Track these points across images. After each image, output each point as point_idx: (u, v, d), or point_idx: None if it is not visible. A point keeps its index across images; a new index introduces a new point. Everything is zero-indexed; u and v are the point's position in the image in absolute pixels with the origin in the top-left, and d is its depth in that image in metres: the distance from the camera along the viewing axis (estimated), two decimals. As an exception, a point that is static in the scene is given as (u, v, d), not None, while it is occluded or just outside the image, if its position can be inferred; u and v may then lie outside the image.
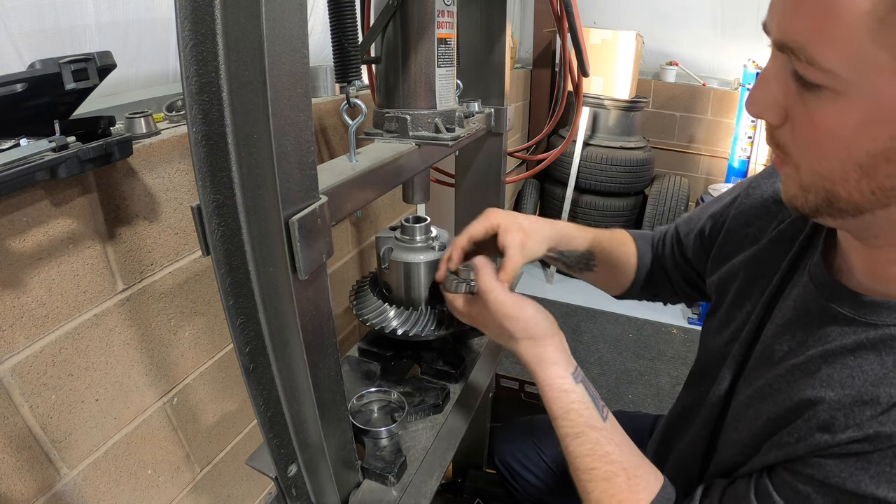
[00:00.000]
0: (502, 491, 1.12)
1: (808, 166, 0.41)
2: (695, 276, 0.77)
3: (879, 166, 0.36)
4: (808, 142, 0.39)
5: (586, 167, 2.65)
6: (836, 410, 0.42)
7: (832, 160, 0.38)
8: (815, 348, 0.46)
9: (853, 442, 0.40)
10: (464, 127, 0.75)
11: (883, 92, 0.33)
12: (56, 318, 0.62)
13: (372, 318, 0.78)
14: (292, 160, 0.40)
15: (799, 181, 0.42)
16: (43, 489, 0.64)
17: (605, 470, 0.55)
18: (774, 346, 0.52)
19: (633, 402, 1.99)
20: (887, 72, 0.32)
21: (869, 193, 0.38)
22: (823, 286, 0.49)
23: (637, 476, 0.55)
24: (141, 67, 0.83)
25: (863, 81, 0.34)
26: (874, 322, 0.43)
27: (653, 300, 0.89)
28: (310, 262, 0.43)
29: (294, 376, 0.49)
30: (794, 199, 0.43)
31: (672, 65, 2.96)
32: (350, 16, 0.55)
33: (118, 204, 0.67)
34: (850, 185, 0.38)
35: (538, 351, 0.62)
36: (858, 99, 0.34)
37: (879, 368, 0.41)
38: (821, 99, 0.37)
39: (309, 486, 0.57)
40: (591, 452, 0.56)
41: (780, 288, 0.55)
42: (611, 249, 0.81)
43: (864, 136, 0.36)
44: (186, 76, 0.37)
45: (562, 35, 0.89)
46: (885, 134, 0.35)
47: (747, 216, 0.64)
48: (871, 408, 0.40)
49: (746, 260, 0.62)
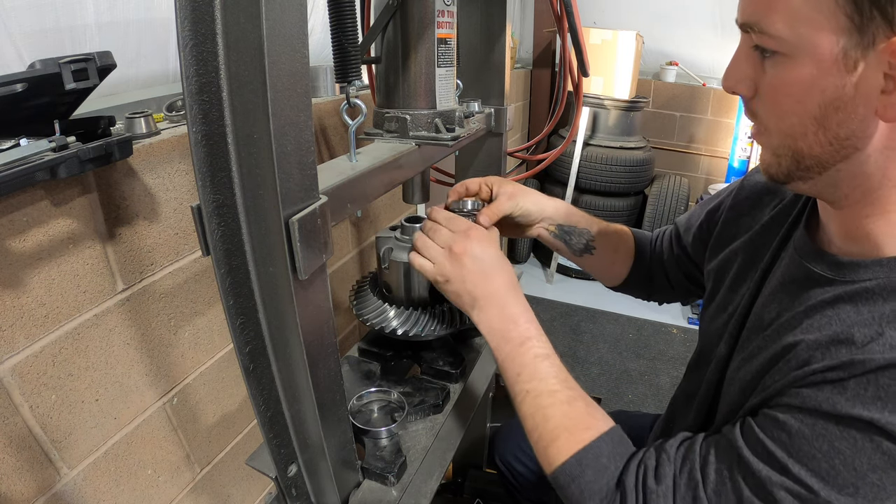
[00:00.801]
0: (502, 491, 1.12)
1: (775, 126, 0.47)
2: (694, 269, 0.79)
3: (830, 115, 0.42)
4: (771, 103, 0.46)
5: (586, 167, 2.65)
6: (814, 350, 0.45)
7: (792, 116, 0.44)
8: (797, 308, 0.50)
9: (828, 370, 0.42)
10: (464, 127, 0.75)
11: (820, 46, 0.40)
12: (56, 318, 0.62)
13: (372, 318, 0.78)
14: (292, 160, 0.40)
15: (771, 146, 0.48)
16: (43, 489, 0.64)
17: (567, 394, 0.58)
18: (764, 314, 0.55)
19: (633, 402, 1.99)
20: (822, 30, 0.39)
21: (827, 145, 0.44)
22: (806, 254, 0.53)
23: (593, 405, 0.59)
24: (141, 67, 0.83)
25: (803, 40, 0.40)
26: (851, 279, 0.47)
27: (648, 299, 0.89)
28: (310, 262, 0.43)
29: (294, 376, 0.49)
30: (770, 167, 0.49)
31: (672, 65, 2.96)
32: (350, 16, 0.55)
33: (118, 204, 0.67)
34: (810, 138, 0.44)
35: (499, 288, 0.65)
36: (803, 56, 0.41)
37: (855, 315, 0.44)
38: (776, 63, 0.43)
39: (309, 486, 0.57)
40: (556, 374, 0.59)
41: (770, 265, 0.59)
42: (610, 236, 0.82)
43: (813, 90, 0.42)
44: (186, 76, 0.37)
45: (562, 35, 0.89)
46: (830, 84, 0.41)
47: (742, 206, 0.67)
48: (846, 346, 0.43)
49: (742, 246, 0.64)
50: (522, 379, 0.60)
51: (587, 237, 0.81)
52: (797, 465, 0.43)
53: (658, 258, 0.83)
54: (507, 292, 0.64)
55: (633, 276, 0.85)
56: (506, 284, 0.64)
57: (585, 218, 0.82)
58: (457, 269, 0.64)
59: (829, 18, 0.39)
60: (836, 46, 0.39)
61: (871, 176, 0.44)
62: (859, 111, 0.41)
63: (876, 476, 0.40)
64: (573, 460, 0.54)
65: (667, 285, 0.84)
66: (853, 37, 0.38)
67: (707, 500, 0.47)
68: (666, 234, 0.84)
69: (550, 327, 2.44)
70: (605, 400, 1.93)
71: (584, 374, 2.13)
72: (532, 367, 0.60)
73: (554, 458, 0.56)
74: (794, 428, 0.43)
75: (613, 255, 0.84)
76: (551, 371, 0.59)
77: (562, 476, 0.55)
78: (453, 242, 0.65)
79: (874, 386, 0.40)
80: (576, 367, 2.17)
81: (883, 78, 0.39)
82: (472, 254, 0.64)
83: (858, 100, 0.40)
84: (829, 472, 0.41)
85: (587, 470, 0.54)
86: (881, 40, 0.38)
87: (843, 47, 0.39)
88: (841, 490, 0.41)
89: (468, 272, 0.63)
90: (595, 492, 0.53)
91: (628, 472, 0.53)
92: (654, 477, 0.51)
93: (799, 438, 0.43)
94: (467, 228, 0.66)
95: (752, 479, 0.45)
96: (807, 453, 0.42)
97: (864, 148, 0.43)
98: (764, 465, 0.44)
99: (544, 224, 0.81)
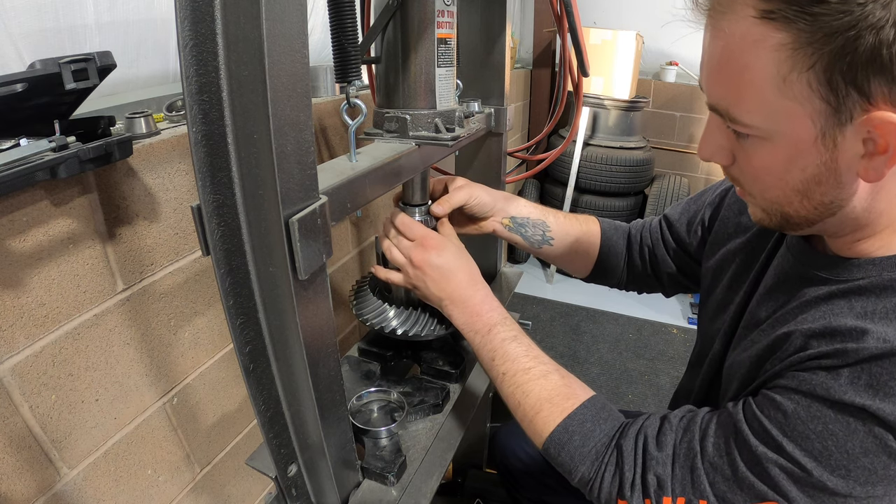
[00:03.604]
0: (502, 491, 1.12)
1: (759, 195, 0.48)
2: (689, 261, 0.79)
3: (813, 189, 0.43)
4: (751, 177, 0.48)
5: (586, 167, 2.65)
6: (809, 337, 0.46)
7: (774, 190, 0.46)
8: (792, 304, 0.51)
9: (823, 357, 0.44)
10: (464, 127, 0.75)
11: (798, 132, 0.40)
12: (56, 318, 0.62)
13: (372, 318, 0.78)
14: (292, 160, 0.40)
15: (759, 206, 0.50)
16: (43, 489, 0.64)
17: (541, 369, 0.61)
18: (758, 312, 0.57)
19: (633, 402, 1.99)
20: (797, 116, 0.40)
21: (812, 209, 0.45)
22: (800, 254, 0.54)
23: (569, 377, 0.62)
24: (141, 67, 0.82)
25: (780, 128, 0.41)
26: (845, 278, 0.48)
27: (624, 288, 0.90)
28: (310, 262, 0.43)
29: (294, 376, 0.49)
30: (761, 221, 0.51)
31: (672, 65, 2.95)
32: (350, 16, 0.55)
33: (118, 204, 0.67)
34: (796, 205, 0.46)
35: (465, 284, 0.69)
36: (781, 140, 0.42)
37: (849, 310, 0.45)
38: (753, 144, 0.44)
39: (309, 486, 0.57)
40: (526, 352, 0.63)
41: (766, 265, 0.60)
42: (568, 225, 0.84)
43: (794, 169, 0.43)
44: (186, 76, 0.37)
45: (562, 35, 0.89)
46: (810, 163, 0.42)
47: (741, 206, 0.68)
48: (840, 335, 0.44)
49: (740, 247, 0.66)
50: (496, 363, 0.64)
51: (542, 228, 0.82)
52: (791, 444, 0.44)
53: (643, 248, 0.84)
54: (466, 288, 0.68)
55: (604, 264, 0.85)
56: (465, 281, 0.68)
57: (539, 209, 0.84)
58: (419, 277, 0.69)
59: (803, 104, 0.39)
60: (814, 129, 0.40)
61: (859, 218, 0.46)
62: (841, 180, 0.42)
63: (867, 460, 0.41)
64: (559, 428, 0.57)
65: (649, 274, 0.84)
66: (830, 118, 0.39)
67: (704, 472, 0.49)
68: (654, 224, 0.84)
69: (550, 327, 2.44)
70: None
71: (585, 374, 2.13)
72: (502, 350, 0.63)
73: (541, 429, 0.58)
74: (790, 409, 0.44)
75: (575, 244, 0.84)
76: (520, 350, 0.63)
77: (551, 446, 0.57)
78: (411, 253, 0.69)
79: (867, 374, 0.41)
80: (576, 367, 2.17)
81: (862, 144, 0.39)
82: (430, 262, 0.68)
83: (840, 170, 0.41)
84: (822, 452, 0.43)
85: (574, 436, 0.56)
86: (859, 114, 0.38)
87: (821, 129, 0.39)
88: (833, 471, 0.42)
89: (430, 279, 0.68)
90: (585, 455, 0.55)
91: (626, 436, 0.54)
92: (655, 443, 0.52)
93: (794, 419, 0.44)
94: (422, 237, 0.70)
95: (748, 454, 0.46)
96: (801, 433, 0.43)
97: (848, 205, 0.44)
98: (760, 442, 0.46)
99: (498, 217, 0.82)
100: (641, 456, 0.52)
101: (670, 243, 0.80)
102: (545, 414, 0.58)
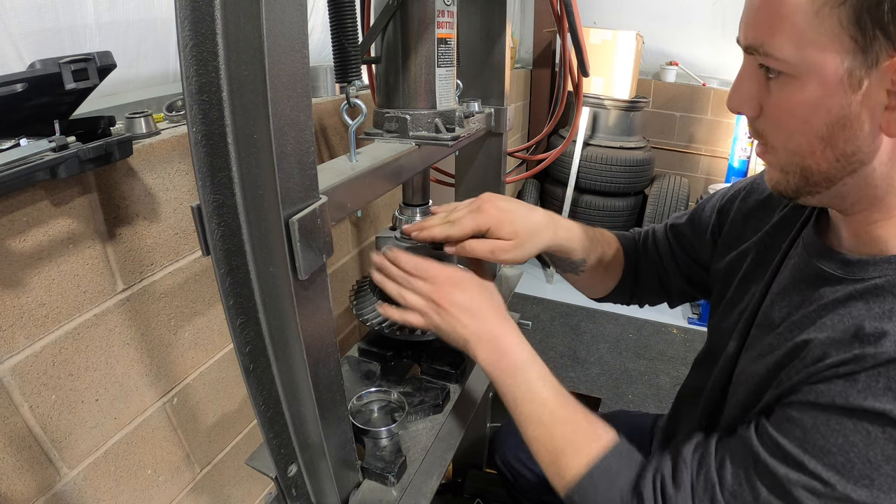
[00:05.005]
0: (502, 491, 1.12)
1: (782, 145, 0.48)
2: (699, 271, 0.78)
3: (837, 134, 0.43)
4: (777, 124, 0.47)
5: (586, 167, 2.65)
6: (828, 346, 0.45)
7: (799, 136, 0.45)
8: (809, 307, 0.50)
9: (840, 364, 0.43)
10: (464, 127, 0.75)
11: (826, 69, 0.41)
12: (56, 318, 0.62)
13: (372, 318, 0.78)
14: (292, 160, 0.40)
15: (778, 164, 0.49)
16: (43, 489, 0.64)
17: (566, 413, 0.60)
18: (773, 313, 0.56)
19: (633, 402, 1.99)
20: (827, 52, 0.40)
21: (834, 161, 0.45)
22: (815, 253, 0.53)
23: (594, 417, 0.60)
24: (141, 67, 0.83)
25: (809, 62, 0.41)
26: (861, 277, 0.47)
27: (628, 303, 0.88)
28: (310, 262, 0.43)
29: (294, 376, 0.49)
30: (778, 185, 0.50)
31: (672, 65, 2.95)
32: (350, 16, 0.55)
33: (118, 204, 0.67)
34: (818, 155, 0.45)
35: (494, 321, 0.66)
36: (809, 77, 0.42)
37: (866, 311, 0.45)
38: (782, 84, 0.44)
39: (309, 486, 0.57)
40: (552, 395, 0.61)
41: (780, 264, 0.59)
42: (601, 256, 0.81)
43: (819, 110, 0.43)
44: (186, 76, 0.37)
45: (562, 35, 0.89)
46: (836, 104, 0.42)
47: (752, 207, 0.68)
48: (857, 340, 0.43)
49: (752, 246, 0.65)
50: (520, 404, 0.61)
51: (577, 264, 0.79)
52: (813, 461, 0.43)
53: (650, 261, 0.82)
54: (493, 326, 0.64)
55: (619, 286, 0.84)
56: (492, 318, 0.65)
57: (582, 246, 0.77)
58: (445, 319, 0.65)
59: (833, 40, 0.40)
60: (841, 67, 0.40)
61: (878, 186, 0.46)
62: (865, 128, 0.42)
63: (890, 467, 0.40)
64: (585, 477, 0.55)
65: (656, 287, 0.83)
66: (857, 57, 0.39)
67: (724, 502, 0.48)
68: (659, 236, 0.82)
69: (550, 327, 2.44)
70: (605, 400, 1.93)
71: (584, 374, 2.13)
72: (527, 390, 0.61)
73: (564, 474, 0.57)
74: (809, 424, 0.44)
75: (601, 274, 0.83)
76: (546, 393, 0.61)
77: (576, 494, 0.56)
78: (434, 295, 0.65)
79: (885, 378, 0.40)
80: (576, 367, 2.17)
81: (886, 95, 0.40)
82: (456, 302, 0.64)
83: (864, 117, 0.42)
84: (845, 465, 0.42)
85: (599, 483, 0.55)
86: (884, 59, 0.39)
87: (848, 67, 0.40)
88: (857, 482, 0.41)
89: (456, 320, 0.64)
90: (609, 502, 0.54)
91: (644, 480, 0.53)
92: (672, 483, 0.52)
93: (813, 434, 0.43)
94: (446, 279, 0.66)
95: (768, 478, 0.45)
96: (822, 448, 0.43)
97: (870, 162, 0.44)
98: (780, 463, 0.45)
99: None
100: (661, 498, 0.52)
101: (679, 253, 0.79)
102: (568, 458, 0.57)
